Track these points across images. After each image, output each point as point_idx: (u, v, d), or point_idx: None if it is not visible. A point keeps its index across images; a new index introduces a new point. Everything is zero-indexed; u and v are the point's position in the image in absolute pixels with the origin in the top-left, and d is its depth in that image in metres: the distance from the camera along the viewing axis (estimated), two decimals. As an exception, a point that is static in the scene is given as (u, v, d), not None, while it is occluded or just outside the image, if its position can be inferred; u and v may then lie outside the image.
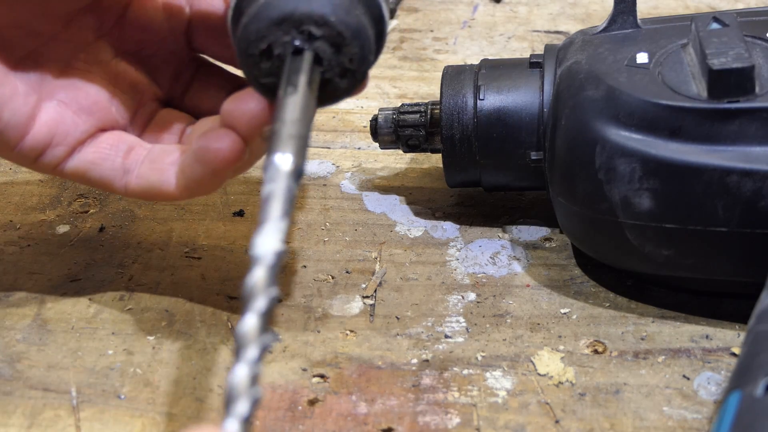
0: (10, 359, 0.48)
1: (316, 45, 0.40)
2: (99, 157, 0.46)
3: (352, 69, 0.41)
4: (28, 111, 0.44)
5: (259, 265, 0.35)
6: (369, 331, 0.50)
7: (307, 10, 0.39)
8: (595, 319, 0.50)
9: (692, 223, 0.46)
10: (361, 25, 0.40)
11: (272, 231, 0.36)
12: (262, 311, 0.35)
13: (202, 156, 0.43)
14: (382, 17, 0.42)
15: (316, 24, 0.39)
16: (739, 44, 0.45)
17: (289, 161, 0.37)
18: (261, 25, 0.39)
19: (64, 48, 0.45)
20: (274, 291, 0.35)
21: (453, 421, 0.45)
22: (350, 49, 0.40)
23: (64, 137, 0.45)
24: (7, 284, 0.53)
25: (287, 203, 0.37)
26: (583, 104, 0.47)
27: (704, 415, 0.44)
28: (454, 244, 0.55)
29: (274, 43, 0.40)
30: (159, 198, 0.46)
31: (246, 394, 0.33)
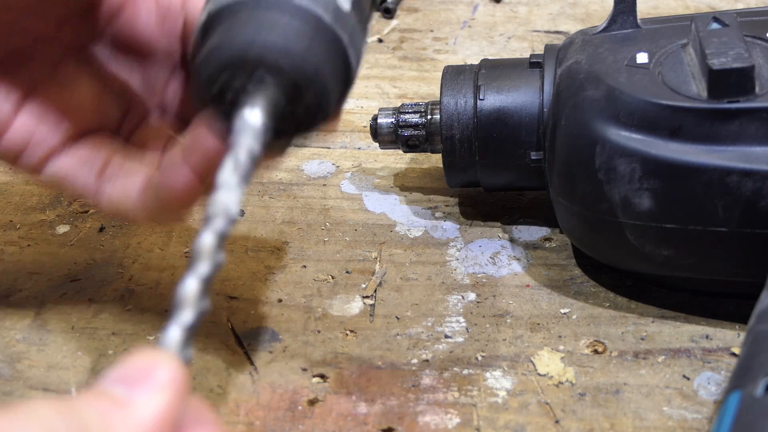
0: (10, 359, 0.48)
1: (268, 91, 0.37)
2: (74, 170, 0.45)
3: (308, 119, 0.38)
4: (6, 109, 0.43)
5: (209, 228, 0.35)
6: (369, 331, 0.50)
7: (258, 54, 0.36)
8: (595, 319, 0.50)
9: (692, 223, 0.46)
10: (317, 72, 0.37)
11: (230, 192, 0.35)
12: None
13: (159, 190, 0.43)
14: (348, 64, 0.38)
15: (268, 70, 0.36)
16: (739, 44, 0.45)
17: (257, 116, 0.36)
18: (211, 67, 0.37)
19: (54, 49, 0.44)
20: (221, 257, 0.35)
21: (453, 421, 0.45)
22: (305, 98, 0.37)
23: (42, 139, 0.44)
24: (7, 284, 0.53)
25: (249, 163, 0.36)
26: (583, 104, 0.47)
27: (704, 415, 0.44)
28: (454, 244, 0.55)
29: (225, 87, 0.37)
30: (129, 220, 0.45)
31: (193, 305, 0.33)
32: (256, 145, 0.36)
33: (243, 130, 0.36)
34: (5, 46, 0.43)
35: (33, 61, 0.44)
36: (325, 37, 0.37)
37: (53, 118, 0.44)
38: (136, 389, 0.30)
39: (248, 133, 0.36)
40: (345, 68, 0.38)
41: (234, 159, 0.36)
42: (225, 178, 0.36)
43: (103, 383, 0.31)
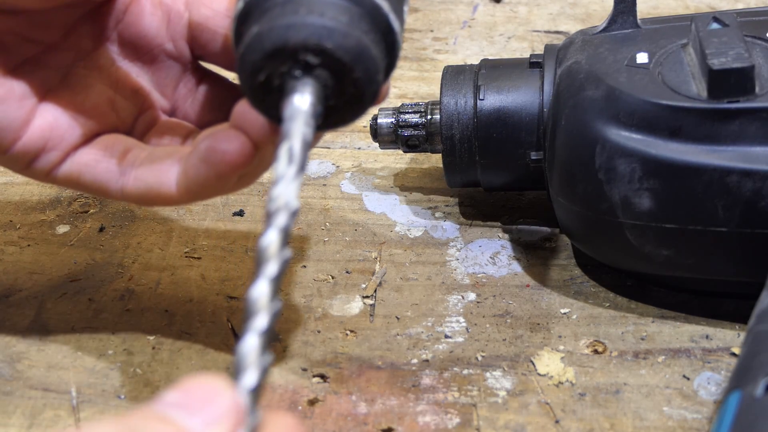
0: (10, 359, 0.48)
1: (315, 73, 0.37)
2: (93, 159, 0.44)
3: (357, 94, 0.37)
4: (22, 114, 0.43)
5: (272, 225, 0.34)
6: (369, 331, 0.50)
7: (300, 38, 0.36)
8: (595, 319, 0.50)
9: (692, 223, 0.46)
10: (361, 47, 0.36)
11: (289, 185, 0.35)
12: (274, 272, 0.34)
13: (208, 156, 0.42)
14: (391, 29, 0.38)
15: (312, 53, 0.36)
16: (739, 44, 0.45)
17: (306, 102, 0.36)
18: (255, 56, 0.36)
19: (64, 56, 0.45)
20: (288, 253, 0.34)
21: (453, 421, 0.45)
22: (353, 75, 0.36)
23: (58, 142, 0.44)
24: (7, 284, 0.53)
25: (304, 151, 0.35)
26: (583, 104, 0.47)
27: (704, 415, 0.44)
28: (454, 244, 0.55)
29: (271, 75, 0.37)
30: (158, 202, 0.44)
31: (267, 309, 0.33)
32: (308, 131, 0.36)
33: (294, 117, 0.36)
34: (17, 56, 0.43)
35: (45, 68, 0.44)
36: (365, 9, 0.37)
37: (68, 120, 0.44)
38: (195, 417, 0.30)
39: (300, 120, 0.36)
40: (389, 35, 0.38)
41: (288, 149, 0.35)
42: (282, 171, 0.35)
43: (162, 404, 0.30)
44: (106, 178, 0.44)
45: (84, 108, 0.45)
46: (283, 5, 0.36)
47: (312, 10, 0.36)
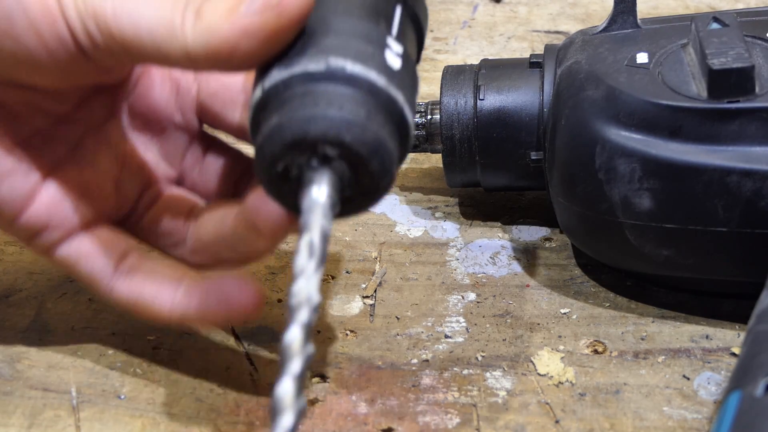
0: (10, 359, 0.48)
1: (333, 165, 0.37)
2: (93, 251, 0.44)
3: (373, 185, 0.38)
4: (27, 189, 0.43)
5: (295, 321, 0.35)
6: (369, 331, 0.50)
7: (320, 131, 0.36)
8: (595, 319, 0.50)
9: (692, 223, 0.46)
10: (378, 140, 0.37)
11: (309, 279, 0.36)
12: None
13: (218, 304, 0.43)
14: (406, 122, 0.38)
15: (331, 145, 0.36)
16: (739, 44, 0.45)
17: (324, 194, 0.37)
18: (275, 147, 0.37)
19: (75, 128, 0.44)
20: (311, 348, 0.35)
21: (453, 421, 0.45)
22: (369, 167, 0.37)
23: (60, 221, 0.43)
24: (7, 284, 0.53)
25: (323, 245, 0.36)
26: (583, 104, 0.47)
27: (704, 415, 0.44)
28: (454, 244, 0.55)
29: (289, 165, 0.37)
30: (145, 316, 0.45)
31: (292, 407, 0.34)
32: (327, 223, 0.37)
33: (313, 209, 0.37)
34: (28, 127, 0.43)
35: (55, 141, 0.43)
36: (381, 102, 0.37)
37: (73, 199, 0.44)
38: None
39: (319, 213, 0.37)
40: (403, 127, 0.38)
41: (308, 243, 0.36)
42: (302, 265, 0.36)
43: None
44: (99, 275, 0.44)
45: (89, 188, 0.44)
46: (303, 97, 0.37)
47: (331, 103, 0.36)
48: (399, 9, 0.41)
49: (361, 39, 0.38)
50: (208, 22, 0.37)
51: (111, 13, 0.38)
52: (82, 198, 0.44)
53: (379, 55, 0.38)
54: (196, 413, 0.45)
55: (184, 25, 0.38)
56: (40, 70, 0.39)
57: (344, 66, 0.37)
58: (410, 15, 0.42)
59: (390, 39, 0.39)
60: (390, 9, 0.41)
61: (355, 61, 0.37)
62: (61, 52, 0.39)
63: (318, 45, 0.37)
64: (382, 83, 0.37)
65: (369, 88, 0.37)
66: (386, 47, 0.38)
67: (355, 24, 0.38)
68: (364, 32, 0.38)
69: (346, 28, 0.38)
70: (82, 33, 0.38)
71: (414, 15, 0.42)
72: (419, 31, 0.43)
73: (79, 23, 0.38)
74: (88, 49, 0.39)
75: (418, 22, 0.42)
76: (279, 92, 0.37)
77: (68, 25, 0.38)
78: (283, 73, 0.37)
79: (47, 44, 0.38)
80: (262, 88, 0.38)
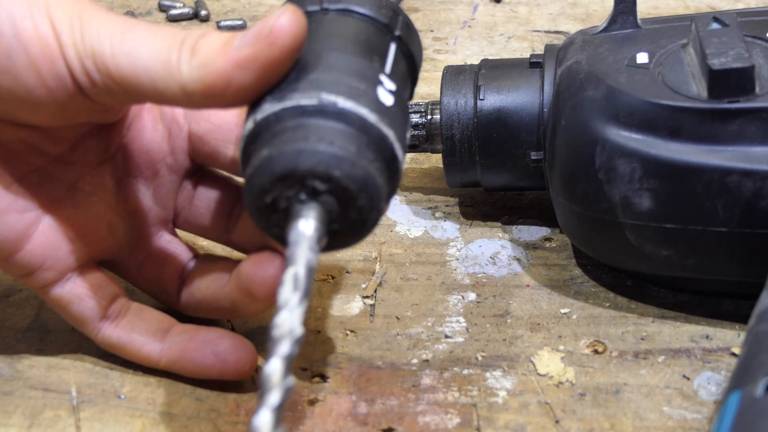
0: (10, 359, 0.48)
1: (321, 199, 0.37)
2: (84, 294, 0.45)
3: (360, 220, 0.38)
4: (21, 228, 0.43)
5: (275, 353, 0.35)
6: (369, 331, 0.50)
7: (310, 165, 0.36)
8: (595, 319, 0.50)
9: (692, 223, 0.46)
10: (368, 176, 0.37)
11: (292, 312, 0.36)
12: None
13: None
14: (395, 158, 0.39)
15: (320, 179, 0.37)
16: (739, 44, 0.45)
17: (311, 227, 0.37)
18: (264, 179, 0.37)
19: (70, 169, 0.44)
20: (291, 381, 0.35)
21: (453, 421, 0.45)
22: (358, 202, 0.37)
23: (55, 262, 0.44)
24: (7, 284, 0.53)
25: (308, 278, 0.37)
26: (583, 104, 0.47)
27: (704, 415, 0.44)
28: (454, 244, 0.55)
29: (278, 197, 0.37)
30: (133, 359, 0.46)
31: None
32: (313, 256, 0.37)
33: (299, 242, 0.37)
34: (25, 165, 0.43)
35: (51, 181, 0.44)
36: (372, 138, 0.38)
37: (68, 240, 0.44)
38: None
39: (305, 246, 0.37)
40: (393, 163, 0.39)
41: (293, 276, 0.36)
42: (286, 297, 0.36)
43: None
44: (89, 317, 0.45)
45: (84, 230, 0.45)
46: (294, 130, 0.37)
47: (322, 138, 0.37)
48: (393, 46, 0.41)
49: (354, 75, 0.38)
50: (203, 57, 0.38)
51: (109, 52, 0.38)
52: (76, 239, 0.45)
53: (372, 92, 0.38)
54: (196, 413, 0.45)
55: (180, 62, 0.38)
56: (39, 108, 0.40)
57: (336, 101, 0.37)
58: (404, 52, 0.42)
59: (383, 76, 0.39)
60: (384, 46, 0.41)
61: (347, 98, 0.37)
62: (59, 91, 0.39)
63: (311, 80, 0.38)
64: (373, 119, 0.38)
65: (360, 124, 0.37)
66: (379, 84, 0.39)
67: (348, 60, 0.39)
68: (358, 69, 0.39)
69: (340, 63, 0.39)
70: (80, 72, 0.39)
71: (408, 52, 0.42)
72: (413, 68, 0.43)
73: (77, 62, 0.39)
74: (86, 88, 0.39)
75: (412, 59, 0.43)
76: (270, 125, 0.38)
77: (67, 65, 0.39)
78: (275, 106, 0.38)
79: (46, 83, 0.39)
80: (254, 120, 0.38)
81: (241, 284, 0.44)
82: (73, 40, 0.39)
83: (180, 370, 0.46)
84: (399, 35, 0.42)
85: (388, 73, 0.40)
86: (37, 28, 0.38)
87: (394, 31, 0.42)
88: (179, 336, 0.46)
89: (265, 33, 0.37)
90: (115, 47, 0.38)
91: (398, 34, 0.42)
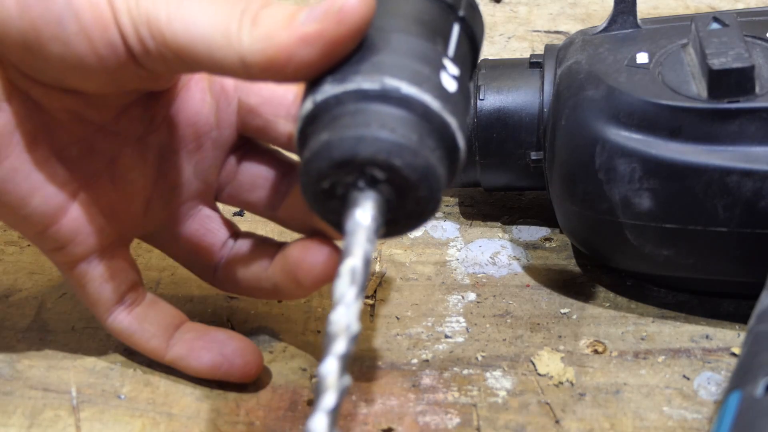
0: (10, 359, 0.48)
1: (380, 187, 0.36)
2: (107, 275, 0.44)
3: (418, 209, 0.37)
4: (58, 202, 0.42)
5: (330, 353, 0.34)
6: (369, 331, 0.50)
7: (370, 153, 0.35)
8: (595, 319, 0.50)
9: (692, 223, 0.46)
10: (429, 166, 0.36)
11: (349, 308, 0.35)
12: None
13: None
14: (457, 147, 0.37)
15: (380, 168, 0.35)
16: (739, 44, 0.45)
17: (369, 217, 0.36)
18: (322, 164, 0.36)
19: (112, 140, 0.43)
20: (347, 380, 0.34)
21: (453, 421, 0.45)
22: (417, 193, 0.36)
23: (86, 238, 0.43)
24: (7, 284, 0.53)
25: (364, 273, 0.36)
26: (583, 104, 0.47)
27: (704, 415, 0.44)
28: (454, 244, 0.55)
29: (335, 183, 0.36)
30: (140, 350, 0.46)
31: None
32: (370, 248, 0.36)
33: (356, 232, 0.36)
34: (67, 135, 0.42)
35: (92, 153, 0.43)
36: (434, 126, 0.36)
37: (102, 216, 0.44)
38: None
39: (362, 236, 0.36)
40: (454, 152, 0.37)
41: (350, 269, 0.35)
42: (343, 292, 0.35)
43: None
44: (105, 299, 0.45)
45: (119, 206, 0.44)
46: (354, 115, 0.36)
47: (384, 125, 0.35)
48: (457, 28, 0.40)
49: (418, 59, 0.37)
50: (266, 29, 0.37)
51: (165, 19, 0.37)
52: (111, 216, 0.44)
53: (435, 77, 0.37)
54: (196, 413, 0.45)
55: (241, 32, 0.37)
56: (89, 75, 0.39)
57: (399, 87, 0.36)
58: (467, 34, 0.41)
59: (446, 60, 0.38)
60: (448, 27, 0.40)
61: (410, 83, 0.36)
62: (111, 59, 0.38)
63: (374, 62, 0.37)
64: (436, 107, 0.36)
65: (423, 111, 0.36)
66: (442, 69, 0.38)
67: (412, 42, 0.37)
68: (421, 52, 0.37)
69: (403, 46, 0.37)
70: (134, 39, 0.38)
71: (471, 34, 0.41)
72: (475, 50, 0.42)
73: (131, 29, 0.37)
74: (139, 56, 0.38)
75: (475, 40, 0.41)
76: (330, 107, 0.36)
77: (120, 31, 0.37)
78: (336, 88, 0.36)
79: (97, 50, 0.38)
80: (313, 101, 0.37)
81: (287, 268, 0.43)
82: (127, 6, 0.37)
83: (185, 367, 0.46)
84: (463, 16, 0.40)
85: (451, 56, 0.39)
86: None
87: (458, 11, 0.40)
88: (188, 333, 0.46)
89: (335, 10, 0.36)
90: (172, 13, 0.37)
91: (462, 15, 0.40)
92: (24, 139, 0.40)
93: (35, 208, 0.42)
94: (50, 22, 0.37)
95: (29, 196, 0.41)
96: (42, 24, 0.37)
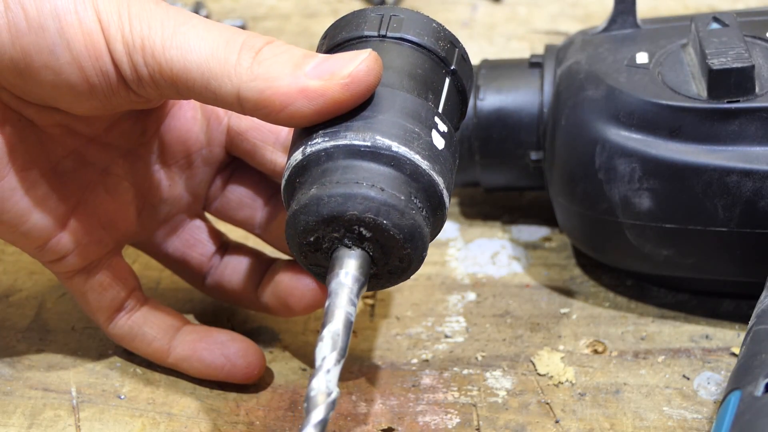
0: (10, 359, 0.48)
1: (365, 245, 0.37)
2: (106, 284, 0.45)
3: (402, 266, 0.38)
4: (58, 215, 0.42)
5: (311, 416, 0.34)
6: (369, 331, 0.50)
7: (358, 211, 0.36)
8: (595, 319, 0.50)
9: (692, 223, 0.46)
10: (415, 226, 0.36)
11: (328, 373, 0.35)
12: None
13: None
14: (443, 205, 0.38)
15: (367, 227, 0.36)
16: (739, 44, 0.45)
17: (352, 278, 0.36)
18: (309, 219, 0.36)
19: (104, 151, 0.43)
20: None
21: (453, 421, 0.45)
22: (402, 251, 0.37)
23: (84, 248, 0.43)
24: (7, 284, 0.53)
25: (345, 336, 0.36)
26: (583, 104, 0.47)
27: (704, 415, 0.44)
28: (454, 244, 0.55)
29: (321, 237, 0.37)
30: (141, 353, 0.47)
31: None
32: (352, 310, 0.36)
33: (339, 293, 0.36)
34: (60, 148, 0.42)
35: (85, 165, 0.43)
36: (422, 185, 0.37)
37: (98, 227, 0.44)
38: None
39: (344, 298, 0.36)
40: (440, 210, 0.38)
41: (332, 333, 0.35)
42: (323, 355, 0.35)
43: None
44: (105, 307, 0.45)
45: (114, 216, 0.44)
46: (344, 171, 0.36)
47: (373, 184, 0.36)
48: (448, 81, 0.40)
49: (410, 117, 0.37)
50: (269, 70, 0.37)
51: (160, 45, 0.37)
52: (107, 225, 0.44)
53: (426, 136, 0.37)
54: (196, 413, 0.45)
55: (240, 64, 0.37)
56: (79, 100, 0.39)
57: (390, 146, 0.36)
58: (457, 87, 0.41)
59: (437, 118, 0.38)
60: (440, 82, 0.40)
61: (401, 142, 0.37)
62: (103, 86, 0.38)
63: (366, 118, 0.37)
64: (425, 167, 0.37)
65: (412, 170, 0.37)
66: (434, 127, 0.38)
67: (405, 99, 0.38)
68: (413, 110, 0.38)
69: (397, 103, 0.38)
70: (127, 66, 0.38)
71: (461, 86, 0.41)
72: (463, 102, 0.42)
73: (125, 56, 0.37)
74: (131, 82, 0.38)
75: (464, 93, 0.42)
76: (320, 160, 0.37)
77: (113, 60, 0.37)
78: (327, 143, 0.37)
79: (89, 79, 0.38)
80: (303, 152, 0.37)
81: (278, 294, 0.44)
82: (121, 32, 0.37)
83: (187, 368, 0.46)
84: (454, 69, 0.41)
85: (441, 111, 0.39)
86: (81, 23, 0.37)
87: (450, 65, 0.41)
88: (190, 335, 0.46)
89: (343, 74, 0.36)
90: (167, 39, 0.37)
91: (453, 68, 0.41)
92: (20, 159, 0.41)
93: (34, 224, 0.42)
94: (42, 51, 0.37)
95: (28, 213, 0.41)
96: (34, 52, 0.37)
